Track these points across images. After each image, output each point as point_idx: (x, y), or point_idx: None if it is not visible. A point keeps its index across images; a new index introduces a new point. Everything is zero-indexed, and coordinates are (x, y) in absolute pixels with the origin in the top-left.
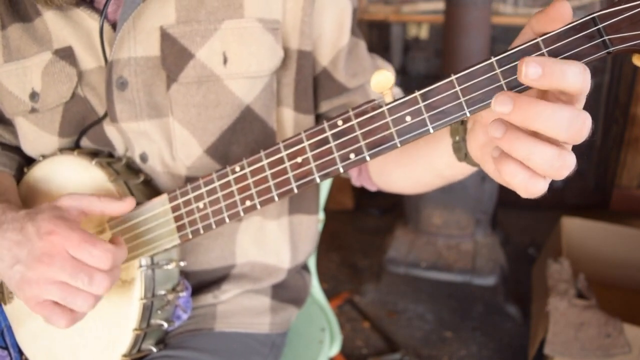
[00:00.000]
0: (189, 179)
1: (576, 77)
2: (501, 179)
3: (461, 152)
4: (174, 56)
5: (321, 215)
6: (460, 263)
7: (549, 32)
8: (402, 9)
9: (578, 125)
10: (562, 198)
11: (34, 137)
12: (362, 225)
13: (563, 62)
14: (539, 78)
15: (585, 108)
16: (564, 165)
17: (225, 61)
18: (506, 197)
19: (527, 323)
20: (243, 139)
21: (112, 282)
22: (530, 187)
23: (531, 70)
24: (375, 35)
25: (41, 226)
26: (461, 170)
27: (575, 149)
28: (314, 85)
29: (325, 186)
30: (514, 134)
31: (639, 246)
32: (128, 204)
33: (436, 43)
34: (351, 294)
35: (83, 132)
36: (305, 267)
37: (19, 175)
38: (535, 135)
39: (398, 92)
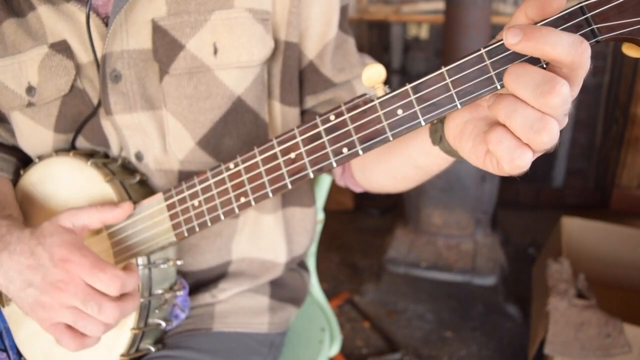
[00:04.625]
0: (183, 174)
1: (565, 46)
2: (477, 157)
3: (437, 134)
4: (165, 48)
5: (321, 215)
6: (460, 263)
7: (539, 21)
8: (402, 9)
9: (547, 87)
10: (562, 198)
11: (29, 132)
12: (362, 225)
13: (548, 28)
14: (519, 42)
15: (586, 108)
16: (544, 128)
17: (215, 52)
18: (506, 197)
19: (527, 323)
20: (235, 131)
21: (122, 313)
22: (516, 156)
23: (510, 36)
24: (375, 35)
25: (54, 252)
26: (436, 160)
27: (576, 149)
28: (300, 79)
29: (325, 186)
30: (502, 95)
31: (639, 246)
32: (126, 209)
33: (436, 43)
34: (351, 294)
35: (80, 128)
36: (304, 266)
37: (16, 178)
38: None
39: (387, 89)
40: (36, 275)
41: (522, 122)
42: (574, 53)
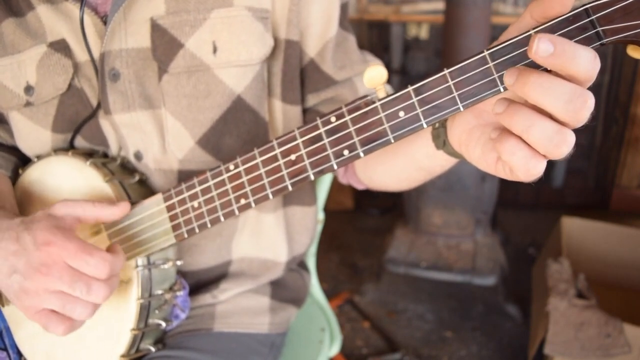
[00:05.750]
0: (182, 174)
1: (587, 63)
2: (488, 164)
3: (440, 139)
4: (164, 47)
5: (321, 215)
6: (460, 263)
7: (544, 23)
8: (402, 9)
9: (578, 102)
10: (562, 198)
11: (27, 132)
12: (362, 225)
13: (576, 44)
14: (549, 56)
15: None
16: (564, 141)
17: (214, 50)
18: (506, 197)
19: (527, 323)
20: (235, 129)
21: (111, 291)
22: (531, 166)
23: (542, 47)
24: (375, 35)
25: (38, 236)
26: (439, 162)
27: (576, 149)
28: (301, 77)
29: (325, 186)
30: (516, 106)
31: (639, 246)
32: (122, 208)
33: (436, 43)
34: (351, 294)
35: (78, 128)
36: (304, 267)
37: (15, 176)
38: (537, 110)
39: (389, 89)
40: (20, 261)
41: (541, 136)
42: (591, 69)
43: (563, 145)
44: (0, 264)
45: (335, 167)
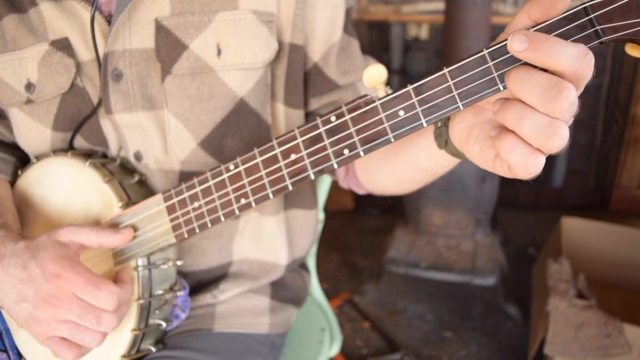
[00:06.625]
0: (183, 174)
1: (569, 58)
2: (486, 162)
3: (442, 138)
4: (168, 48)
5: (321, 216)
6: (460, 263)
7: (542, 22)
8: (402, 9)
9: (554, 92)
10: (562, 198)
11: (28, 129)
12: (362, 225)
13: (555, 39)
14: (525, 51)
15: (586, 108)
16: (555, 132)
17: (219, 53)
18: (506, 197)
19: (527, 323)
20: (237, 132)
21: (120, 320)
22: (529, 163)
23: (515, 42)
24: (375, 35)
25: (46, 267)
26: (441, 162)
27: (576, 149)
28: (304, 81)
29: (325, 186)
30: (508, 102)
31: (639, 246)
32: (125, 235)
33: (436, 43)
34: (351, 294)
35: (79, 127)
36: (304, 267)
37: (14, 178)
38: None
39: (389, 90)
40: (29, 290)
41: (532, 128)
42: (578, 66)
43: (555, 137)
44: (8, 290)
45: (336, 166)
